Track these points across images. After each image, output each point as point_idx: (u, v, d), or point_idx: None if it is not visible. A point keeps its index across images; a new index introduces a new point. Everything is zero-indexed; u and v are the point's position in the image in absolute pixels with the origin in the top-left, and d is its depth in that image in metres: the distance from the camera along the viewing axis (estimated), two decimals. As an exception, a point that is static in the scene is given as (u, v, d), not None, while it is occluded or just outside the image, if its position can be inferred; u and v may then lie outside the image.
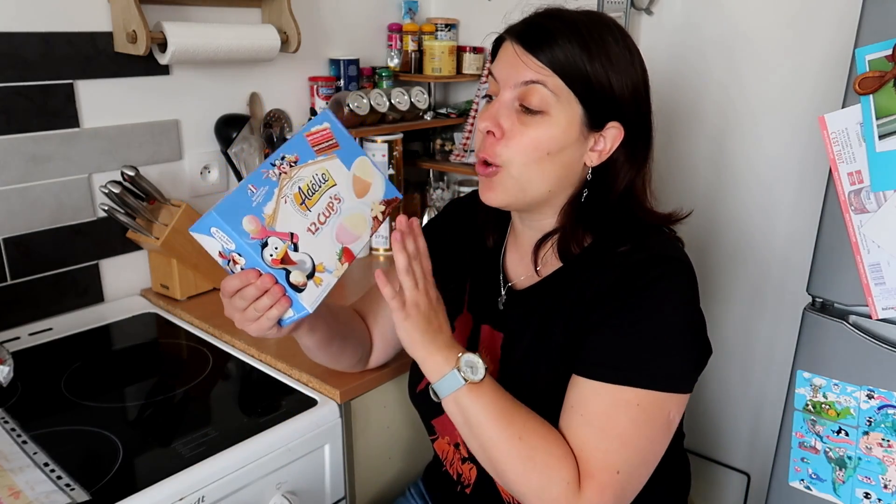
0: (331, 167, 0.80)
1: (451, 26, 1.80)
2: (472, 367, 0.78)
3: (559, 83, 0.79)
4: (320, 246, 0.77)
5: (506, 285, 0.94)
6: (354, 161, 0.83)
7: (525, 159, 0.81)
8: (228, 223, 0.71)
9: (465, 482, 0.95)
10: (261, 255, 0.72)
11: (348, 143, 0.83)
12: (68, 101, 1.26)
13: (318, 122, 0.81)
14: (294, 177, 0.76)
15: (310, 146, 0.79)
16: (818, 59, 1.32)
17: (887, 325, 1.06)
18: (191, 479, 0.88)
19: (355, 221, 0.81)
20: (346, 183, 0.81)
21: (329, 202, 0.79)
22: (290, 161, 0.77)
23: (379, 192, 0.85)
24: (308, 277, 0.76)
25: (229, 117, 1.47)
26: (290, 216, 0.75)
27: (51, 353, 1.19)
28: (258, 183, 0.74)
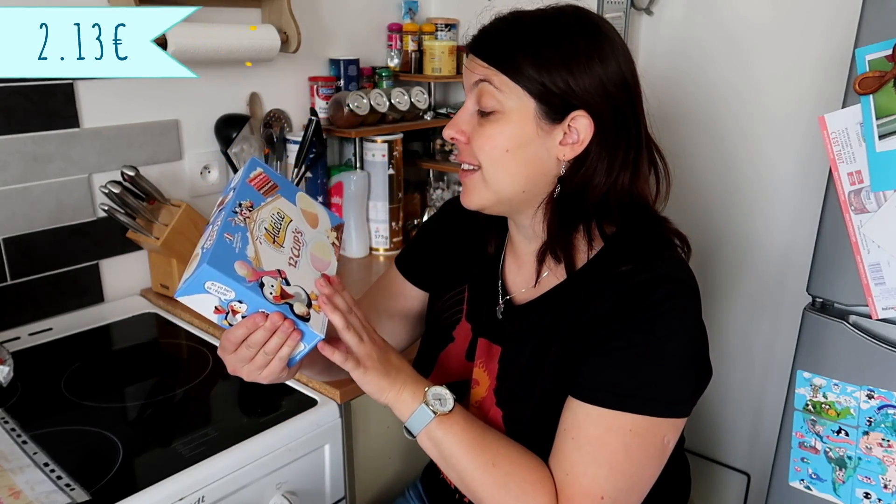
0: (281, 206, 0.82)
1: (451, 26, 1.80)
2: (440, 400, 0.79)
3: (503, 78, 0.78)
4: (304, 276, 0.78)
5: (504, 296, 0.92)
6: (295, 196, 0.85)
7: (488, 159, 0.81)
8: (224, 272, 0.70)
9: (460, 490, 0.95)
10: (262, 295, 0.72)
11: (284, 182, 0.85)
12: (68, 101, 1.26)
13: (252, 169, 0.82)
14: (256, 219, 0.77)
15: (255, 190, 0.80)
16: (818, 59, 1.32)
17: (887, 325, 1.06)
18: (191, 479, 0.88)
19: (321, 249, 0.83)
20: (299, 217, 0.83)
21: (294, 236, 0.80)
22: (247, 206, 0.78)
23: (326, 220, 0.87)
24: (307, 306, 0.76)
25: (229, 117, 1.47)
26: (270, 255, 0.76)
27: (51, 353, 1.19)
28: (231, 230, 0.74)
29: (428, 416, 0.78)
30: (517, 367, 0.86)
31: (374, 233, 1.70)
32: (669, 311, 0.76)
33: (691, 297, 0.79)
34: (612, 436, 0.74)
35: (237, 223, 0.75)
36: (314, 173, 1.58)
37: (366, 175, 1.65)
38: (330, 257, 0.83)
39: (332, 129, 1.61)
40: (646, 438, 0.75)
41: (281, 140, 1.53)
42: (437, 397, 0.79)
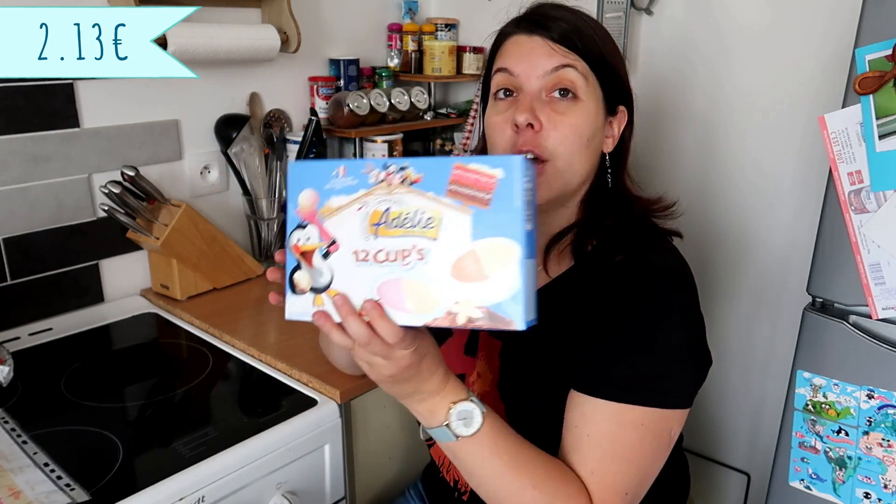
0: (449, 218, 0.59)
1: (451, 26, 1.80)
2: (465, 420, 0.69)
3: (586, 66, 0.79)
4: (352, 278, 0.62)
5: None
6: (493, 238, 0.58)
7: (570, 149, 0.78)
8: (294, 179, 0.63)
9: (462, 489, 0.95)
10: (288, 232, 0.63)
11: (506, 214, 0.57)
12: (68, 101, 1.26)
13: (492, 164, 0.58)
14: (393, 195, 0.60)
15: (447, 179, 0.59)
16: (818, 59, 1.32)
17: (887, 325, 1.06)
18: (191, 479, 0.88)
19: (420, 293, 0.60)
20: (452, 250, 0.59)
21: (407, 249, 0.60)
22: (408, 178, 0.60)
23: (488, 295, 0.58)
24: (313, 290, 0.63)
25: (229, 117, 1.47)
26: (349, 225, 0.61)
27: (51, 353, 1.19)
28: (352, 171, 0.61)
29: (448, 438, 0.70)
30: (520, 361, 0.86)
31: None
32: (670, 305, 0.77)
33: (689, 288, 0.80)
34: (627, 431, 0.74)
35: (368, 173, 0.61)
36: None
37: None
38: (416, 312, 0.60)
39: (332, 129, 1.61)
40: (655, 431, 0.75)
41: (281, 140, 1.53)
42: (463, 416, 0.69)
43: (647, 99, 0.87)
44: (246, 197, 1.50)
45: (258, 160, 1.52)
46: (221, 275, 1.41)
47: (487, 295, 0.58)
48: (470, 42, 1.83)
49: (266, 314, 1.32)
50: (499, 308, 0.58)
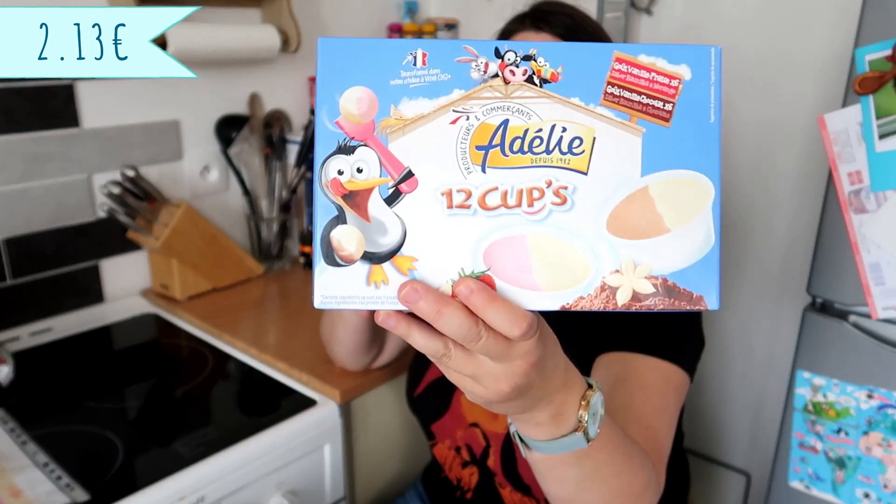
0: (608, 140, 0.40)
1: (451, 26, 1.80)
2: (594, 416, 0.51)
3: None
4: (443, 234, 0.40)
5: None
6: (675, 172, 0.40)
7: None
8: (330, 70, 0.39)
9: (465, 487, 0.95)
10: (324, 158, 0.40)
11: (696, 135, 0.40)
12: (68, 101, 1.26)
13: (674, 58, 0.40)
14: (513, 99, 0.39)
15: (604, 78, 0.40)
16: (818, 59, 1.32)
17: (887, 325, 1.06)
18: (191, 479, 0.88)
19: (559, 257, 0.40)
20: (613, 189, 0.40)
21: (539, 187, 0.40)
22: (538, 73, 0.39)
23: (672, 258, 0.40)
24: (368, 258, 0.40)
25: (229, 117, 1.47)
26: (436, 148, 0.40)
27: (51, 353, 1.19)
28: (439, 60, 0.39)
29: (578, 444, 0.51)
30: None
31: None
32: None
33: None
34: (671, 393, 0.77)
35: (473, 70, 0.39)
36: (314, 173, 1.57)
37: (366, 175, 1.64)
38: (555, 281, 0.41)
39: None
40: (682, 398, 0.79)
41: (281, 140, 1.53)
42: (594, 413, 0.51)
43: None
44: (246, 197, 1.50)
45: (258, 160, 1.52)
46: (221, 275, 1.41)
47: (668, 258, 0.40)
48: (470, 42, 1.84)
49: (266, 314, 1.32)
50: (684, 277, 0.40)
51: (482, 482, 0.92)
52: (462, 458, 0.94)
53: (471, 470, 0.93)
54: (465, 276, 0.40)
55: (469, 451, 0.91)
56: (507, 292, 0.41)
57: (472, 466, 0.92)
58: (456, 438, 0.92)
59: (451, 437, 0.94)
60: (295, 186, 1.52)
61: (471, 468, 0.93)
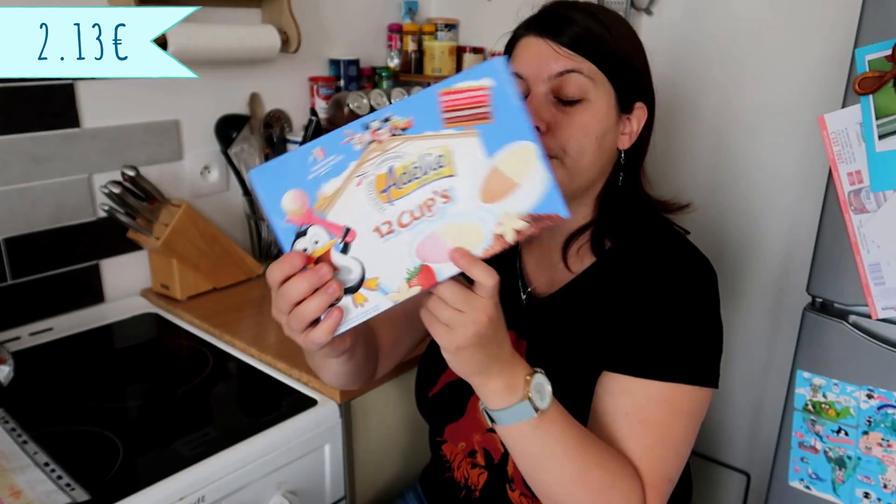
0: (459, 148, 0.55)
1: (451, 26, 1.80)
2: (540, 392, 0.66)
3: (593, 68, 0.79)
4: (386, 255, 0.56)
5: (525, 290, 0.92)
6: (506, 146, 0.55)
7: (578, 146, 0.79)
8: (265, 190, 0.54)
9: (472, 487, 0.93)
10: (291, 245, 0.56)
11: (511, 118, 0.55)
12: (68, 101, 1.26)
13: (475, 77, 0.54)
14: (390, 150, 0.54)
15: (439, 110, 0.54)
16: (818, 59, 1.32)
17: (887, 325, 1.06)
18: (191, 479, 0.88)
19: (461, 234, 0.57)
20: (474, 176, 0.56)
21: (430, 198, 0.55)
22: (396, 127, 0.54)
23: (527, 200, 0.57)
24: (347, 291, 0.57)
25: (229, 117, 1.47)
26: (356, 204, 0.55)
27: (51, 353, 1.19)
28: (331, 148, 0.54)
29: (528, 414, 0.66)
30: (549, 360, 0.84)
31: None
32: (704, 288, 0.80)
33: (713, 274, 0.82)
34: (676, 419, 0.76)
35: (352, 142, 0.54)
36: None
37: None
38: (473, 247, 0.58)
39: (332, 129, 1.61)
40: (696, 421, 0.78)
41: (281, 140, 1.53)
42: (538, 389, 0.66)
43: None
44: (246, 197, 1.50)
45: (258, 160, 1.52)
46: (221, 275, 1.41)
47: (524, 201, 0.56)
48: (470, 42, 1.83)
49: (266, 314, 1.32)
50: (540, 208, 0.57)
51: (491, 483, 0.91)
52: (475, 460, 0.92)
53: (480, 471, 0.92)
54: (411, 273, 0.57)
55: (486, 456, 0.90)
56: (442, 269, 0.58)
57: (483, 469, 0.92)
58: (472, 442, 0.91)
59: (466, 440, 0.92)
60: (295, 186, 1.52)
61: (479, 469, 0.92)
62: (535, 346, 0.88)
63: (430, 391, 0.94)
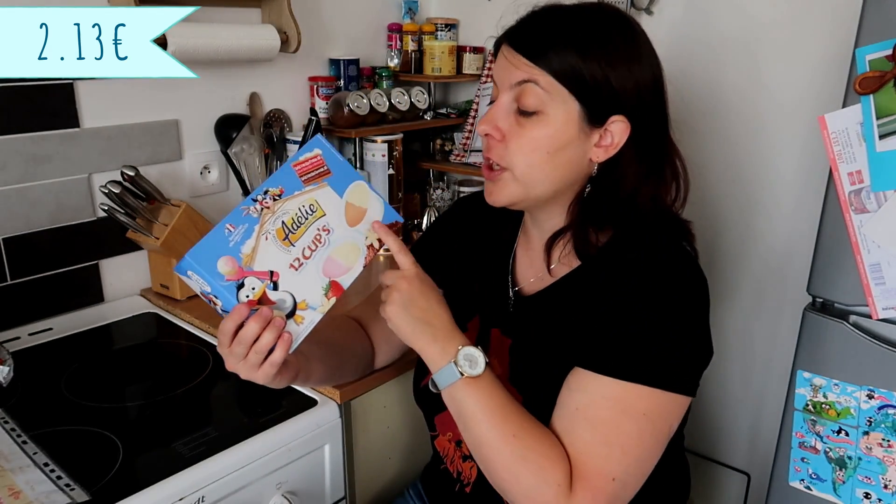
0: (320, 197, 0.77)
1: (451, 26, 1.80)
2: (470, 361, 0.77)
3: (550, 80, 0.77)
4: (304, 282, 0.75)
5: (514, 288, 0.93)
6: (348, 187, 0.80)
7: (527, 160, 0.81)
8: (202, 266, 0.69)
9: (464, 480, 0.95)
10: (236, 297, 0.71)
11: (342, 169, 0.79)
12: (68, 101, 1.26)
13: (308, 150, 0.78)
14: (277, 211, 0.74)
15: (297, 176, 0.76)
16: (818, 59, 1.32)
17: (887, 325, 1.06)
18: (191, 479, 0.88)
19: (346, 252, 0.79)
20: (338, 212, 0.78)
21: (316, 234, 0.76)
22: (274, 195, 0.74)
23: (376, 216, 0.81)
24: (289, 317, 0.74)
25: (229, 117, 1.47)
26: (270, 253, 0.73)
27: (51, 353, 1.19)
28: (237, 221, 0.72)
29: (454, 376, 0.77)
30: (530, 357, 0.87)
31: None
32: (681, 290, 0.79)
33: (699, 279, 0.81)
34: (627, 419, 0.75)
35: (250, 213, 0.73)
36: None
37: (366, 175, 1.65)
38: (354, 262, 0.79)
39: (332, 129, 1.61)
40: (657, 424, 0.76)
41: (281, 140, 1.53)
42: (469, 358, 0.77)
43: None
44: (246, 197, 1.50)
45: (258, 160, 1.52)
46: (221, 275, 1.41)
47: (374, 218, 0.81)
48: (470, 42, 1.84)
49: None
50: (385, 219, 0.82)
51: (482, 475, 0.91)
52: (462, 451, 0.94)
53: (471, 464, 0.93)
54: (325, 289, 0.77)
55: None
56: (344, 279, 0.78)
57: (472, 461, 0.92)
58: (458, 432, 0.92)
59: (452, 431, 0.94)
60: (295, 186, 1.52)
61: (470, 461, 0.93)
62: (518, 344, 0.89)
63: (422, 382, 0.96)
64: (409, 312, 0.78)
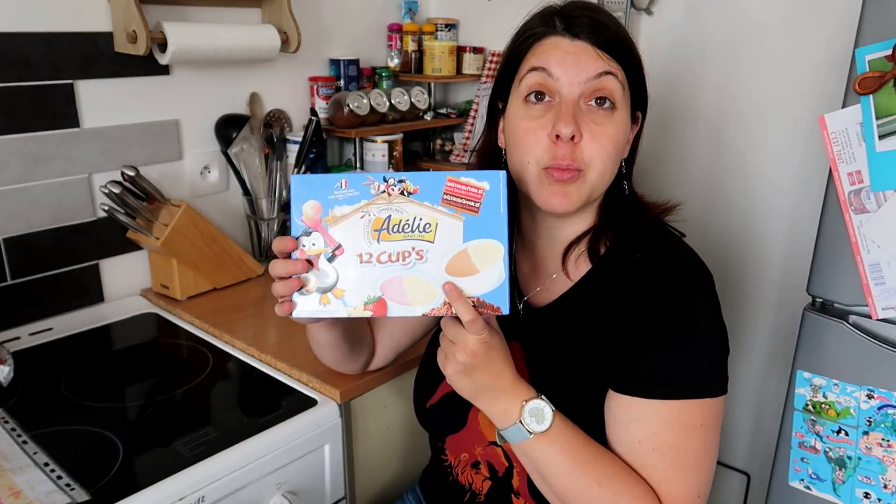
0: (444, 223, 0.68)
1: (451, 26, 1.80)
2: (536, 417, 0.73)
3: (623, 75, 0.77)
4: (357, 277, 0.69)
5: (521, 299, 0.90)
6: (482, 239, 0.68)
7: (605, 159, 0.77)
8: (298, 192, 0.68)
9: (476, 491, 0.92)
10: (296, 237, 0.70)
11: (493, 219, 0.68)
12: (68, 101, 1.26)
13: (479, 178, 0.68)
14: (394, 203, 0.67)
15: (441, 191, 0.68)
16: (818, 59, 1.32)
17: (887, 325, 1.06)
18: (191, 479, 0.88)
19: (419, 288, 0.69)
20: (448, 250, 0.68)
21: (407, 251, 0.68)
22: (406, 189, 0.67)
23: (480, 286, 0.69)
24: (318, 290, 0.70)
25: (229, 117, 1.47)
26: (353, 232, 0.68)
27: (51, 353, 1.19)
28: (354, 184, 0.67)
29: (523, 435, 0.73)
30: (550, 369, 0.84)
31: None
32: (700, 296, 0.78)
33: (709, 276, 0.80)
34: (689, 435, 0.75)
35: (369, 185, 0.68)
36: (314, 173, 1.58)
37: (366, 175, 1.64)
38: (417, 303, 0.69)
39: (332, 129, 1.61)
40: (714, 426, 0.76)
41: (281, 140, 1.53)
42: (535, 413, 0.73)
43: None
44: (246, 197, 1.50)
45: (258, 160, 1.52)
46: (221, 275, 1.41)
47: (478, 287, 0.69)
48: (470, 42, 1.84)
49: (266, 314, 1.32)
50: (488, 297, 0.69)
51: (496, 490, 0.89)
52: (479, 471, 0.91)
53: (483, 476, 0.91)
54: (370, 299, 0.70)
55: (489, 468, 0.89)
56: (393, 307, 0.70)
57: (488, 478, 0.90)
58: (474, 454, 0.90)
59: (468, 452, 0.91)
60: (295, 186, 1.52)
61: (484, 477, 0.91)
62: (534, 357, 0.86)
63: (429, 401, 0.93)
64: (472, 378, 0.73)
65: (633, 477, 0.75)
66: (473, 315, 0.69)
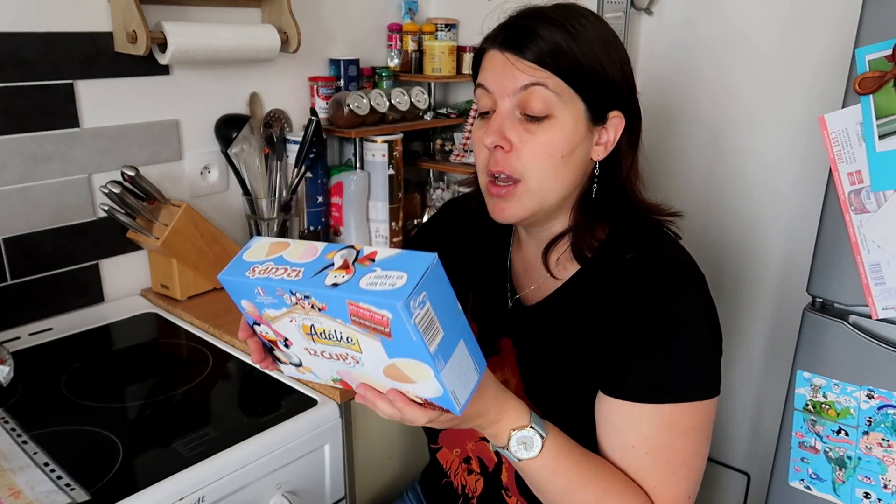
0: (363, 341, 0.60)
1: (451, 26, 1.80)
2: (525, 444, 0.72)
3: (558, 82, 0.76)
4: (314, 364, 0.68)
5: (513, 296, 0.91)
6: (407, 359, 0.59)
7: (543, 168, 0.77)
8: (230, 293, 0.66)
9: (469, 494, 0.93)
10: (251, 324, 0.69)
11: (409, 344, 0.57)
12: (68, 101, 1.26)
13: (379, 306, 0.55)
14: (310, 316, 0.61)
15: (347, 313, 0.58)
16: (818, 59, 1.32)
17: (887, 325, 1.06)
18: (191, 479, 0.88)
19: (371, 382, 0.66)
20: (378, 362, 0.62)
21: (342, 354, 0.63)
22: (315, 305, 0.59)
23: (423, 392, 0.63)
24: (293, 364, 0.71)
25: (229, 117, 1.47)
26: (290, 330, 0.65)
27: (51, 353, 1.19)
28: (270, 292, 0.62)
29: (512, 459, 0.73)
30: (541, 367, 0.85)
31: (374, 233, 1.70)
32: (690, 299, 0.78)
33: (700, 278, 0.80)
34: (681, 438, 0.76)
35: (282, 295, 0.61)
36: (314, 173, 1.58)
37: (366, 175, 1.65)
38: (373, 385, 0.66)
39: (332, 129, 1.61)
40: (703, 431, 0.77)
41: (281, 140, 1.53)
42: (522, 441, 0.72)
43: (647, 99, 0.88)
44: (246, 197, 1.50)
45: (258, 160, 1.52)
46: (221, 275, 1.41)
47: (421, 391, 0.63)
48: (470, 42, 1.84)
49: (266, 314, 1.32)
50: (435, 400, 0.63)
51: (488, 490, 0.90)
52: (470, 467, 0.92)
53: (476, 477, 0.92)
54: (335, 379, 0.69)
55: (480, 463, 0.90)
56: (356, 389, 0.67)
57: (479, 475, 0.91)
58: (466, 449, 0.92)
59: (460, 447, 0.93)
60: (295, 186, 1.52)
61: (476, 476, 0.92)
62: (527, 355, 0.87)
63: None
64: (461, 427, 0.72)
65: (630, 487, 0.75)
66: (428, 418, 0.65)
